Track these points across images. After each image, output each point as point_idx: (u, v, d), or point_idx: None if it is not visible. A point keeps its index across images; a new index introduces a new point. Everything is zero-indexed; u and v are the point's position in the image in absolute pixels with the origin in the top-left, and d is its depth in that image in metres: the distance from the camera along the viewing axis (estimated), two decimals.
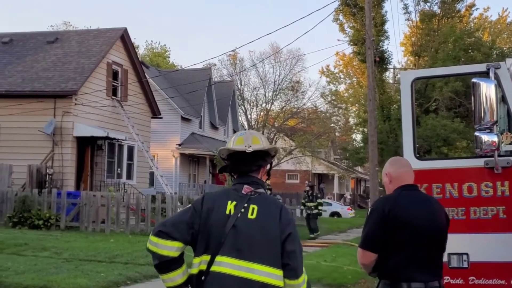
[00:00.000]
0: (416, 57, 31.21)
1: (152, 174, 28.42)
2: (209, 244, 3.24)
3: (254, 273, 3.18)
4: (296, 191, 50.06)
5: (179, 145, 33.06)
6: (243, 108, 51.93)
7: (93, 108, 23.03)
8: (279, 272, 3.22)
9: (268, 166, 3.60)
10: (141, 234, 17.97)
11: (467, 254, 5.29)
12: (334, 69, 48.15)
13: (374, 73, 20.99)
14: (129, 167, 26.21)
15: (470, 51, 28.16)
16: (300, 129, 52.51)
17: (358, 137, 45.04)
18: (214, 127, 38.42)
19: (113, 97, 25.13)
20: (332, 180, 59.50)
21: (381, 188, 37.04)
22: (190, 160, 34.73)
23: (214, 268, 3.19)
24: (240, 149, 3.44)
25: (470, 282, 5.30)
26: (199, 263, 3.25)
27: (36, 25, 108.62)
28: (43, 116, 21.81)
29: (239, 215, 3.27)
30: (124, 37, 26.13)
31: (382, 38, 27.93)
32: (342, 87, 49.18)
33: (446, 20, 30.54)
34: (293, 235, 3.30)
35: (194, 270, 3.27)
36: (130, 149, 26.27)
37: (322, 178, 60.63)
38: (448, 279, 5.36)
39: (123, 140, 24.64)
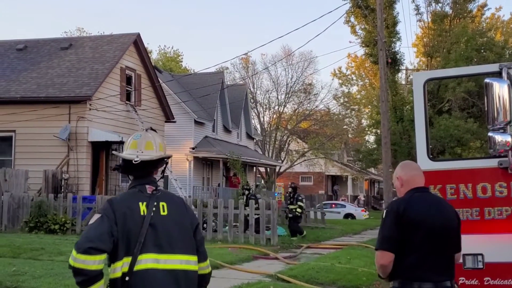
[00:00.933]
0: (428, 58, 31.11)
1: (166, 178, 28.54)
2: (129, 247, 3.36)
3: (176, 263, 3.45)
4: (309, 193, 50.02)
5: (193, 148, 33.14)
6: (255, 111, 51.98)
7: (107, 113, 23.20)
8: (195, 258, 3.56)
9: (164, 166, 3.80)
10: None
11: (482, 254, 5.29)
12: (346, 71, 48.08)
13: (386, 75, 20.95)
14: None
15: (482, 51, 28.05)
16: (313, 131, 52.49)
17: (371, 138, 44.93)
18: (227, 130, 38.49)
19: (127, 102, 25.29)
20: (345, 182, 59.36)
21: (394, 190, 36.79)
22: (204, 164, 34.83)
23: (138, 266, 3.34)
24: (129, 158, 3.58)
25: (485, 283, 5.30)
26: (121, 266, 3.35)
27: (50, 32, 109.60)
28: (58, 121, 21.99)
29: (152, 214, 3.46)
30: (137, 42, 26.30)
31: (394, 39, 27.87)
32: (354, 89, 49.11)
33: (458, 21, 30.41)
34: (199, 225, 3.73)
35: (117, 274, 3.34)
36: None
37: (335, 180, 60.53)
38: (463, 280, 5.37)
39: None
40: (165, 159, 3.76)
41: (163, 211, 3.51)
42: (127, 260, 3.35)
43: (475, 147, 27.32)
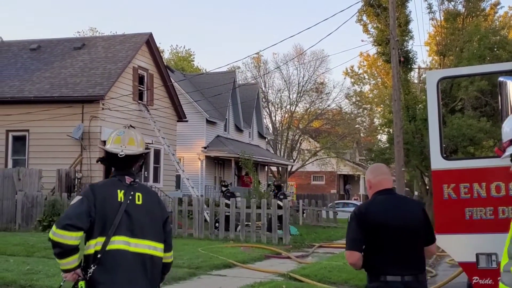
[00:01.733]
0: (441, 57, 30.90)
1: (178, 177, 28.62)
2: (104, 228, 3.77)
3: (145, 248, 3.86)
4: (321, 192, 49.95)
5: (205, 148, 33.21)
6: (267, 111, 51.99)
7: (120, 112, 23.31)
8: (162, 246, 3.98)
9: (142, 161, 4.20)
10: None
11: (496, 254, 5.27)
12: (358, 70, 47.94)
13: (399, 73, 20.87)
14: (156, 170, 26.43)
15: (495, 49, 27.83)
16: (324, 131, 52.41)
17: (383, 137, 44.77)
18: (239, 129, 38.52)
19: (139, 101, 25.40)
20: (358, 181, 59.20)
21: (407, 189, 36.71)
22: (216, 163, 34.88)
23: (110, 246, 3.76)
24: (115, 152, 3.99)
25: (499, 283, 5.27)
26: (94, 244, 3.77)
27: (63, 32, 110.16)
28: (71, 121, 22.13)
29: (128, 202, 3.88)
30: (149, 42, 26.40)
31: (406, 38, 27.71)
32: (366, 88, 48.94)
33: (470, 19, 30.19)
34: (169, 218, 4.13)
35: (90, 251, 3.78)
36: (157, 153, 26.52)
37: (347, 179, 60.40)
38: (476, 279, 5.35)
39: (150, 143, 24.87)
40: (144, 155, 4.15)
41: (138, 200, 3.93)
42: (101, 239, 3.76)
43: (488, 146, 27.11)
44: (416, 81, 37.45)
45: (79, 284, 3.78)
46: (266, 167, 41.27)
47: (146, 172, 25.62)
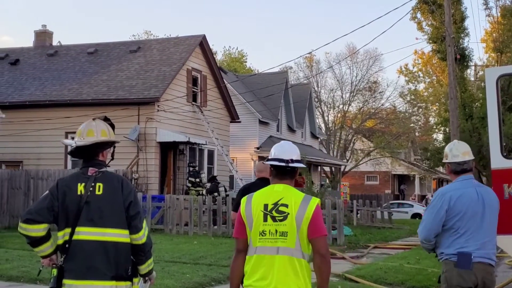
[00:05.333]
0: (498, 54, 30.18)
1: (232, 177, 28.82)
2: (68, 220, 4.11)
3: (106, 235, 4.09)
4: (375, 192, 49.39)
5: (257, 148, 33.32)
6: (320, 110, 51.75)
7: (175, 114, 23.65)
8: (126, 232, 4.14)
9: (112, 148, 4.51)
10: (223, 236, 18.29)
11: None
12: (413, 68, 47.23)
13: (455, 71, 20.48)
14: (210, 170, 26.71)
15: None
16: (378, 130, 51.77)
17: (439, 136, 43.95)
18: (291, 130, 38.48)
19: (193, 103, 25.71)
20: (413, 181, 58.24)
21: None
22: None
23: (75, 237, 4.08)
24: (68, 144, 4.39)
25: None
26: (62, 235, 4.12)
27: (119, 35, 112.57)
28: (128, 122, 22.52)
29: (88, 193, 4.13)
30: (202, 44, 26.68)
31: (462, 35, 27.20)
32: (421, 86, 48.16)
33: None
34: (134, 202, 4.22)
35: (60, 241, 4.14)
36: (210, 153, 26.79)
37: (402, 179, 59.49)
38: None
39: (204, 144, 25.16)
40: (110, 143, 4.41)
41: (99, 191, 4.17)
42: (67, 230, 4.10)
43: None
44: (472, 78, 36.63)
45: (52, 270, 4.18)
46: (319, 167, 41.09)
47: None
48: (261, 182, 6.34)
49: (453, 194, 4.86)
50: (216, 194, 21.93)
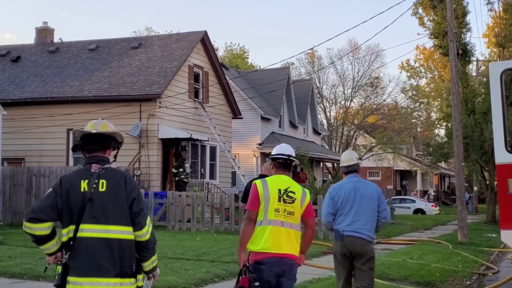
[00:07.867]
0: (500, 48, 30.10)
1: (234, 174, 28.83)
2: (72, 217, 4.10)
3: (110, 232, 4.08)
4: None
5: (260, 144, 33.32)
6: (322, 106, 51.70)
7: (176, 110, 23.62)
8: (129, 229, 4.14)
9: (116, 150, 4.50)
10: (225, 233, 18.30)
11: None
12: (415, 63, 47.20)
13: (457, 66, 20.41)
14: (212, 167, 26.71)
15: None
16: (380, 126, 51.75)
17: (441, 132, 43.93)
18: (293, 126, 38.46)
19: (195, 99, 25.69)
20: (415, 177, 58.19)
21: (466, 184, 35.71)
22: None
23: (79, 234, 4.07)
24: (88, 131, 4.28)
25: None
26: (67, 232, 4.12)
27: (120, 32, 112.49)
28: (129, 119, 22.53)
29: (92, 190, 4.12)
30: (204, 40, 26.63)
31: (464, 30, 27.08)
32: (423, 82, 48.12)
33: None
34: (137, 199, 4.21)
35: (64, 239, 4.13)
36: (213, 150, 26.78)
37: (404, 174, 59.45)
38: None
39: (206, 141, 25.14)
40: (119, 141, 4.46)
41: (102, 187, 4.15)
42: (72, 228, 4.10)
43: None
44: (474, 73, 36.58)
45: (57, 267, 4.18)
46: (321, 163, 41.08)
47: (202, 169, 25.90)
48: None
49: (335, 187, 6.95)
50: (181, 169, 22.41)
